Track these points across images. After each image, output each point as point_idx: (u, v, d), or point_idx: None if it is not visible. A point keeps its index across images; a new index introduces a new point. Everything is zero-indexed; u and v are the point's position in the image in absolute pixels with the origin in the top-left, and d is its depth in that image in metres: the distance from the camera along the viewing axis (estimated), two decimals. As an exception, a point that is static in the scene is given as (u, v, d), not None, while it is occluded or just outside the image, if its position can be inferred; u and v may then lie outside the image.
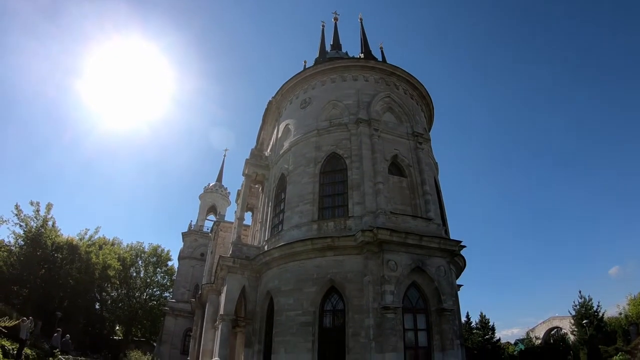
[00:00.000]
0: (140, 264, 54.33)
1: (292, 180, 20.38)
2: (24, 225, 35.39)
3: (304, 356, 15.83)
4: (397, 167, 19.92)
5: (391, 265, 15.87)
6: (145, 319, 53.39)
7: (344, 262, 16.76)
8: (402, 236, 16.26)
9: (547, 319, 49.54)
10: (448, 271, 17.39)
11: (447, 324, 16.16)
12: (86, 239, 42.76)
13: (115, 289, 50.29)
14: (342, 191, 19.03)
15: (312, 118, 21.60)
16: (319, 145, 20.39)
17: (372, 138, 19.51)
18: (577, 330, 30.90)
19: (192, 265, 47.26)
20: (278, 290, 17.99)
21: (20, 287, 33.72)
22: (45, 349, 24.39)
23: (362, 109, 20.69)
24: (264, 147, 27.65)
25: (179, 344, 43.19)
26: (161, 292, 55.94)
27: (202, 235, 48.67)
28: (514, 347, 40.40)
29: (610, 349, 25.51)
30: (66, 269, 36.39)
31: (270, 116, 25.92)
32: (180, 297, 45.34)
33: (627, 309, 33.76)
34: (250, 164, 24.14)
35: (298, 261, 17.63)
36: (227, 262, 20.13)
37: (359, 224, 17.29)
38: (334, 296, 16.83)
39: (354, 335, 15.48)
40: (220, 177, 56.37)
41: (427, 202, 18.90)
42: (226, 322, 19.76)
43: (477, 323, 32.62)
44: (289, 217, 19.44)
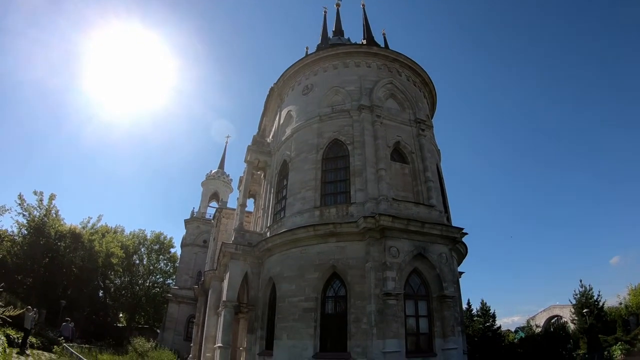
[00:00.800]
0: (143, 251, 54.64)
1: (294, 167, 20.38)
2: (27, 214, 35.63)
3: (306, 342, 15.93)
4: (399, 154, 19.87)
5: (393, 251, 15.91)
6: (149, 306, 53.75)
7: (346, 249, 16.80)
8: (404, 223, 16.27)
9: (547, 308, 49.81)
10: (450, 258, 17.45)
11: (448, 311, 16.27)
12: (89, 227, 43.09)
13: (119, 277, 50.66)
14: (344, 178, 19.02)
15: (314, 104, 21.51)
16: (321, 131, 20.33)
17: (374, 124, 19.44)
18: (577, 319, 31.01)
19: (194, 252, 47.34)
20: (280, 276, 18.07)
21: (24, 277, 33.96)
22: (49, 337, 24.64)
23: (364, 95, 20.59)
24: (266, 133, 27.63)
25: (182, 331, 43.48)
26: (164, 279, 56.25)
27: (205, 222, 48.67)
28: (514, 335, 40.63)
29: (610, 339, 25.62)
30: (69, 258, 36.69)
31: (272, 103, 25.85)
32: (183, 284, 45.55)
33: (628, 299, 33.87)
34: (252, 150, 24.12)
35: (300, 247, 17.68)
36: (230, 249, 20.20)
37: (361, 210, 17.30)
38: (336, 282, 16.89)
39: (355, 321, 15.57)
40: (222, 164, 56.26)
41: (429, 189, 18.89)
42: (229, 308, 19.86)
43: (478, 310, 32.71)
44: (291, 204, 19.46)
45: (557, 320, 45.41)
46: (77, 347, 21.20)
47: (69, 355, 17.77)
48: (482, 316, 31.75)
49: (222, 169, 55.35)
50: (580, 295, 31.28)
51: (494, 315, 31.69)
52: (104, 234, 46.00)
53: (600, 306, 30.17)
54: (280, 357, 16.58)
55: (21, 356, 17.88)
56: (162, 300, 50.29)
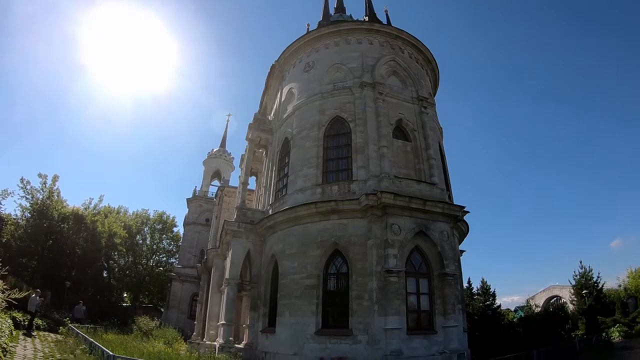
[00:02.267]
0: (146, 231, 54.96)
1: (295, 144, 20.33)
2: (30, 197, 35.71)
3: (308, 319, 16.12)
4: (401, 131, 19.79)
5: (395, 229, 15.96)
6: (153, 285, 54.25)
7: (348, 226, 16.86)
8: (405, 200, 16.29)
9: (547, 288, 50.24)
10: (451, 236, 17.53)
11: (449, 289, 16.42)
12: (91, 209, 43.14)
13: (122, 257, 51.02)
14: (346, 155, 18.99)
15: (315, 82, 21.34)
16: (322, 108, 20.21)
17: (376, 102, 19.30)
18: (576, 300, 31.15)
19: (197, 231, 47.63)
20: (282, 253, 18.18)
21: (28, 259, 34.05)
22: (55, 319, 24.98)
23: (366, 72, 20.40)
24: (267, 111, 27.51)
25: (186, 309, 44.13)
26: (167, 258, 56.75)
27: (207, 201, 48.83)
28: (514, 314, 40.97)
29: (609, 320, 25.75)
30: (73, 239, 36.81)
31: (274, 80, 25.65)
32: (186, 262, 45.98)
33: (627, 281, 34.05)
34: (254, 128, 24.05)
35: (302, 225, 17.75)
36: (232, 227, 20.30)
37: (362, 187, 17.31)
38: (338, 259, 17.00)
39: (357, 298, 15.72)
40: (224, 143, 56.16)
41: (431, 166, 18.87)
42: (232, 286, 20.08)
43: (478, 289, 32.81)
44: (292, 181, 19.47)
45: (556, 300, 45.67)
46: (82, 328, 21.44)
47: (74, 336, 17.98)
48: (482, 295, 31.88)
49: (224, 147, 55.26)
50: (580, 276, 31.31)
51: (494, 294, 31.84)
52: (107, 215, 46.21)
53: (599, 288, 30.23)
54: (283, 334, 16.79)
55: (28, 338, 18.16)
56: (166, 279, 50.67)
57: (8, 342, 12.50)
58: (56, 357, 13.52)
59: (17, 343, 14.99)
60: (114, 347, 13.70)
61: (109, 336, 19.93)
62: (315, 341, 15.64)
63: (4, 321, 15.48)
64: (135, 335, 22.07)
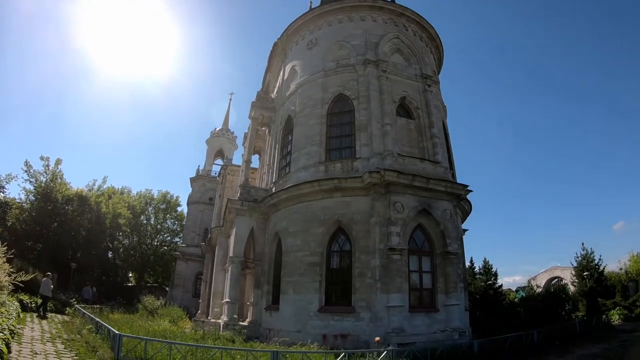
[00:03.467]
0: (150, 211, 54.86)
1: (298, 122, 20.25)
2: (34, 180, 35.76)
3: (311, 296, 16.29)
4: (405, 109, 19.66)
5: (398, 207, 15.97)
6: (157, 265, 54.48)
7: (351, 204, 16.89)
8: (409, 178, 16.26)
9: (548, 268, 50.20)
10: (454, 215, 17.54)
11: (452, 267, 16.51)
12: (95, 190, 43.20)
13: (127, 237, 51.13)
14: (349, 132, 18.90)
15: (318, 59, 21.12)
16: (325, 86, 20.05)
17: (379, 79, 19.12)
18: (577, 281, 31.08)
19: (201, 210, 47.59)
20: (286, 231, 18.27)
21: (34, 242, 34.22)
22: (62, 300, 25.35)
23: (369, 49, 20.15)
24: (270, 89, 27.34)
25: (191, 287, 44.36)
26: (172, 237, 56.64)
27: (210, 180, 48.64)
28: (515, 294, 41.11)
29: (609, 303, 25.83)
30: (77, 221, 36.92)
31: (276, 58, 25.41)
32: (190, 241, 46.10)
33: (628, 265, 33.97)
34: (257, 106, 23.99)
35: (305, 202, 17.81)
36: (236, 205, 20.39)
37: (366, 165, 17.26)
38: (341, 237, 17.09)
39: (360, 275, 15.84)
40: (227, 121, 55.69)
41: (434, 145, 18.78)
42: (236, 264, 20.26)
43: (480, 268, 32.83)
44: (296, 159, 19.46)
45: (557, 281, 45.80)
46: (89, 308, 21.76)
47: (81, 316, 18.24)
48: (484, 274, 31.93)
49: (227, 126, 54.78)
50: (581, 258, 31.22)
51: (496, 274, 31.88)
52: (111, 196, 46.24)
53: (600, 270, 30.19)
54: (287, 311, 16.99)
55: (43, 320, 18.52)
56: (170, 259, 50.97)
57: (16, 325, 12.67)
58: (63, 337, 13.66)
59: (24, 325, 15.18)
60: (120, 326, 13.87)
61: (115, 316, 20.21)
62: (319, 318, 15.83)
63: (11, 304, 15.69)
64: (140, 315, 22.38)
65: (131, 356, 9.67)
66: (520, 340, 14.56)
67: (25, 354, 9.75)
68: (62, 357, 10.25)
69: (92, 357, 10.34)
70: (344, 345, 14.16)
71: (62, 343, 12.47)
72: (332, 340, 14.85)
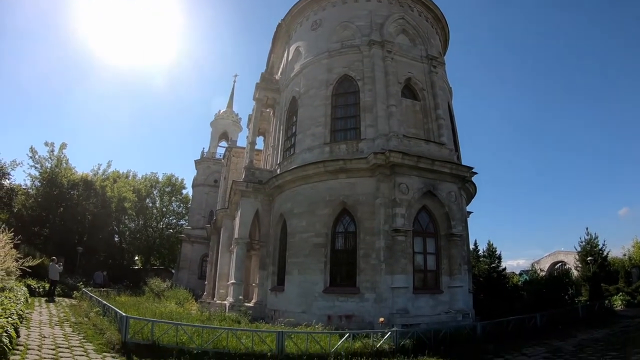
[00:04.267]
0: (156, 194, 55.15)
1: (303, 103, 20.14)
2: (39, 166, 35.93)
3: (316, 277, 16.39)
4: (410, 91, 19.49)
5: (402, 188, 15.93)
6: (163, 248, 54.97)
7: (356, 185, 16.86)
8: (414, 160, 16.18)
9: (552, 253, 50.09)
10: (459, 197, 17.52)
11: (456, 249, 16.55)
12: (100, 174, 43.34)
13: (133, 221, 51.56)
14: (354, 114, 18.79)
15: (323, 40, 20.87)
16: (330, 67, 19.86)
17: (385, 60, 18.89)
18: (581, 266, 31.01)
19: (206, 192, 47.66)
20: (291, 212, 18.32)
21: (40, 228, 34.58)
22: (69, 284, 25.72)
23: (374, 30, 19.88)
24: (274, 71, 27.19)
25: (197, 269, 44.71)
26: (177, 220, 57.12)
27: (215, 162, 48.55)
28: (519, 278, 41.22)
29: (612, 288, 25.89)
30: (83, 205, 37.22)
31: (280, 39, 25.17)
32: (195, 224, 46.32)
33: (632, 251, 33.89)
34: (261, 88, 23.88)
35: (310, 184, 17.78)
36: (240, 187, 20.42)
37: (371, 146, 17.17)
38: (346, 218, 17.10)
39: (364, 256, 15.90)
40: (231, 104, 55.24)
41: (440, 126, 18.67)
42: (241, 245, 20.38)
43: (484, 251, 32.81)
44: (300, 140, 19.41)
45: (561, 265, 45.70)
46: (96, 291, 22.07)
47: (88, 300, 18.50)
48: (488, 257, 31.96)
49: (231, 108, 54.40)
50: (585, 243, 31.18)
51: (500, 257, 31.91)
52: (116, 180, 46.42)
53: (604, 256, 30.15)
54: (292, 292, 17.12)
55: (51, 303, 18.85)
56: (176, 241, 51.21)
57: (24, 309, 12.86)
58: (71, 320, 13.84)
59: (32, 309, 15.39)
60: (126, 308, 13.97)
61: (121, 298, 20.43)
62: (323, 299, 15.94)
63: (19, 289, 15.96)
64: (147, 297, 22.61)
65: (138, 338, 9.76)
66: (523, 324, 14.64)
67: (33, 338, 9.88)
68: (70, 340, 10.38)
69: (100, 340, 10.47)
70: (348, 325, 14.30)
71: (70, 326, 12.65)
72: (336, 321, 14.95)
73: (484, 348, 11.90)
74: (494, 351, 11.59)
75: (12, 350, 7.76)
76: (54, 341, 9.88)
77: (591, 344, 12.59)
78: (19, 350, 8.30)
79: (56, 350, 8.94)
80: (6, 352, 7.14)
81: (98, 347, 9.74)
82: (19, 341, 9.01)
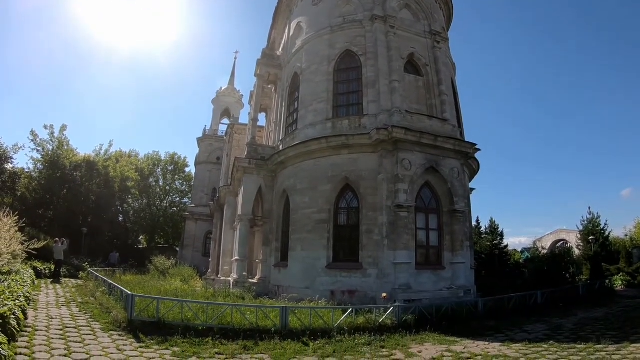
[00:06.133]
0: (159, 172, 55.49)
1: (305, 79, 19.92)
2: (41, 149, 36.10)
3: (319, 252, 16.49)
4: (413, 66, 19.22)
5: (405, 164, 15.88)
6: (167, 226, 55.55)
7: (359, 161, 16.82)
8: (417, 135, 16.09)
9: (554, 231, 50.31)
10: (461, 173, 17.48)
11: (458, 226, 16.61)
12: (102, 154, 43.40)
13: (136, 200, 51.97)
14: (356, 89, 18.60)
15: (324, 15, 20.51)
16: (332, 42, 19.57)
17: (387, 35, 18.58)
18: (582, 245, 31.14)
19: (208, 170, 47.74)
20: (294, 188, 18.35)
21: (44, 210, 35.00)
22: (75, 265, 26.05)
23: (377, 5, 19.50)
24: (276, 46, 26.90)
25: (201, 247, 45.06)
26: (180, 198, 57.47)
27: (217, 140, 48.52)
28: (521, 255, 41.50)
29: (613, 268, 25.96)
30: (86, 186, 37.56)
31: (281, 15, 24.80)
32: (199, 201, 46.45)
33: (633, 231, 33.93)
34: (262, 64, 23.63)
35: (313, 160, 17.74)
36: (243, 164, 20.43)
37: (373, 122, 17.04)
38: (349, 194, 17.10)
39: (367, 232, 15.95)
40: (233, 80, 54.84)
41: (443, 102, 18.45)
42: (244, 222, 20.48)
43: (486, 228, 33.07)
44: (303, 116, 19.28)
45: (563, 244, 45.85)
46: (101, 271, 22.37)
47: (94, 279, 18.72)
48: (490, 234, 32.19)
49: (233, 85, 54.01)
50: (587, 222, 31.31)
51: (502, 234, 32.13)
52: (118, 159, 46.54)
53: (606, 235, 30.24)
54: (295, 268, 17.27)
55: (57, 285, 19.12)
56: (180, 219, 51.54)
57: (31, 291, 13.04)
58: (78, 301, 14.02)
59: (39, 291, 15.59)
60: (132, 287, 14.12)
61: (127, 277, 20.70)
62: (327, 275, 16.08)
63: (25, 271, 16.18)
64: (152, 275, 22.89)
65: (144, 315, 9.88)
66: (524, 301, 14.75)
67: (41, 319, 10.01)
68: (77, 319, 10.53)
69: (107, 318, 10.63)
70: (351, 301, 14.45)
71: (76, 306, 12.83)
72: (340, 296, 15.12)
73: (486, 324, 12.03)
74: (495, 327, 11.72)
75: (20, 332, 7.87)
76: (62, 321, 10.02)
77: (591, 322, 12.67)
78: (27, 331, 8.41)
79: (64, 330, 9.07)
80: (15, 334, 7.24)
81: (105, 325, 9.89)
82: (27, 323, 9.14)
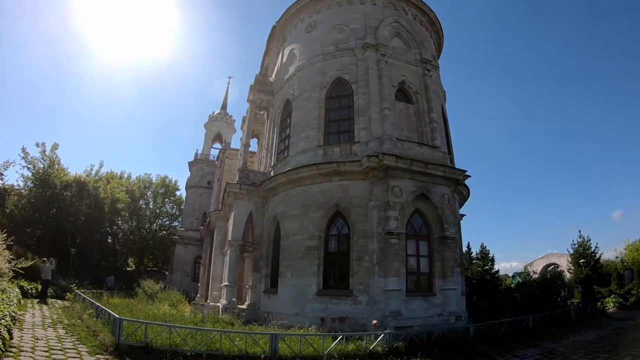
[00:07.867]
0: (149, 195, 55.32)
1: (297, 106, 20.14)
2: (32, 167, 35.66)
3: (310, 279, 16.42)
4: (404, 94, 19.54)
5: (396, 191, 15.98)
6: (156, 249, 54.99)
7: (350, 187, 16.92)
8: (407, 163, 16.24)
9: (545, 255, 50.44)
10: (452, 200, 17.60)
11: (449, 252, 16.63)
12: (93, 175, 43.14)
13: (126, 222, 51.53)
14: (348, 116, 18.81)
15: (317, 43, 20.91)
16: (324, 70, 19.89)
17: (379, 63, 18.95)
18: (573, 268, 31.40)
19: (199, 194, 47.68)
20: (284, 215, 18.33)
21: (33, 229, 34.30)
22: (62, 285, 25.59)
23: (369, 33, 19.93)
24: (269, 73, 27.16)
25: (190, 271, 44.62)
26: (170, 221, 57.19)
27: (209, 164, 48.63)
28: (512, 280, 41.51)
29: (604, 291, 26.14)
30: (76, 207, 37.02)
31: (275, 42, 25.15)
32: (189, 225, 46.24)
33: (624, 253, 34.20)
34: (255, 90, 23.88)
35: (304, 186, 17.82)
36: (234, 189, 20.43)
37: (364, 149, 17.21)
38: (339, 221, 17.14)
39: (358, 259, 15.94)
40: (225, 105, 55.40)
41: (433, 130, 18.74)
42: (234, 247, 20.38)
43: (477, 253, 33.09)
44: (294, 143, 19.41)
45: (554, 268, 45.98)
46: (89, 293, 21.96)
47: (81, 301, 18.40)
48: (481, 259, 32.18)
49: (225, 110, 54.47)
50: (578, 245, 31.46)
51: (493, 259, 32.16)
52: (109, 181, 46.20)
53: (597, 258, 30.42)
54: (285, 294, 17.12)
55: (44, 305, 18.69)
56: (169, 243, 51.15)
57: (17, 311, 12.76)
58: (64, 322, 13.76)
59: (25, 311, 15.26)
60: (120, 310, 13.87)
61: (114, 300, 20.33)
62: (317, 301, 15.96)
63: (12, 290, 15.81)
64: (140, 299, 22.51)
65: (132, 340, 9.74)
66: (515, 326, 14.72)
67: (27, 340, 9.81)
68: (63, 342, 10.31)
69: (93, 342, 10.42)
70: (341, 328, 14.27)
71: (63, 328, 12.57)
72: (330, 323, 14.96)
73: (477, 350, 12.01)
74: (486, 353, 11.69)
75: (5, 352, 7.73)
76: (47, 343, 9.82)
77: (583, 345, 12.68)
78: (12, 352, 8.25)
79: (49, 352, 8.90)
80: (0, 353, 7.10)
81: (91, 349, 9.70)
82: (12, 343, 8.96)
